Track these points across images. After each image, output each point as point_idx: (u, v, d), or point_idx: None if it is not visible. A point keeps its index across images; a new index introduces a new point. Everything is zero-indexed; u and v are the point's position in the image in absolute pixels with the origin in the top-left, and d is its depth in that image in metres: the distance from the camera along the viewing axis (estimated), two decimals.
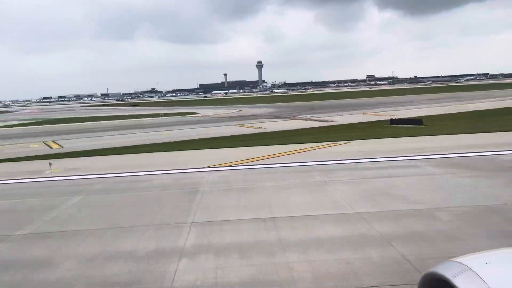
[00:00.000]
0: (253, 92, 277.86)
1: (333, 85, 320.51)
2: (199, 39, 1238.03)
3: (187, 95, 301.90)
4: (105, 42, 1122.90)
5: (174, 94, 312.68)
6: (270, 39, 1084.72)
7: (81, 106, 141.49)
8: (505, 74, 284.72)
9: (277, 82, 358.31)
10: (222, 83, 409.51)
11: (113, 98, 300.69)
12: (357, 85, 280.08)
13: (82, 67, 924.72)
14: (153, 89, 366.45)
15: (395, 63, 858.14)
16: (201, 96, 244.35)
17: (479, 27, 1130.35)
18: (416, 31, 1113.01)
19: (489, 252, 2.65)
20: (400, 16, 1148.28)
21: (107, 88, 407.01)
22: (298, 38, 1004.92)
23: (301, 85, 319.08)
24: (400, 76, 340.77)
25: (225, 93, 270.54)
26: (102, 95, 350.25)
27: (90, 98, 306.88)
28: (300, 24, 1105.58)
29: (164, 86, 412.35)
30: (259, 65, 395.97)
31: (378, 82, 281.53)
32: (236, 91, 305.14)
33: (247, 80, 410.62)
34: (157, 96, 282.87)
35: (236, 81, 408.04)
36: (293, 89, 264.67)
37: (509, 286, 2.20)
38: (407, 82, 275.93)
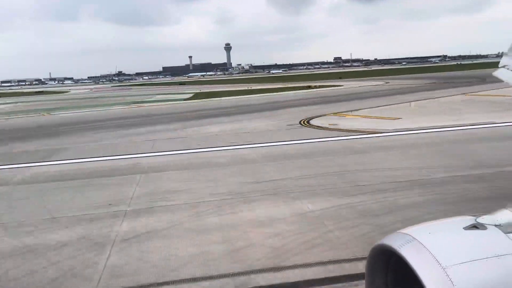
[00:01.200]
0: (233, 74, 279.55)
1: (303, 67, 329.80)
2: (148, 21, 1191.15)
3: (156, 77, 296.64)
4: (45, 23, 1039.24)
5: (152, 77, 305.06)
6: (222, 22, 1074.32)
7: (122, 87, 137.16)
8: (463, 56, 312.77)
9: (243, 64, 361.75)
10: (187, 65, 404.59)
11: (88, 81, 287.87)
12: (328, 67, 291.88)
13: (20, 50, 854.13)
14: (120, 71, 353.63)
15: (347, 46, 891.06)
16: (171, 79, 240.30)
17: (420, 12, 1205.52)
18: (363, 15, 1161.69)
19: (432, 222, 2.85)
20: (349, 1, 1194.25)
21: (50, 73, 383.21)
22: (250, 21, 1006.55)
23: (267, 68, 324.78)
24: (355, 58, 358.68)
25: (202, 75, 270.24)
26: (66, 78, 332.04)
27: (57, 82, 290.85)
28: (252, 7, 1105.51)
29: (122, 69, 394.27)
30: (227, 48, 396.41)
31: (354, 64, 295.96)
32: (213, 73, 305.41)
33: (212, 63, 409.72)
34: (141, 79, 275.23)
35: (201, 64, 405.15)
36: (289, 70, 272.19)
37: (447, 250, 2.45)
38: (380, 63, 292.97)
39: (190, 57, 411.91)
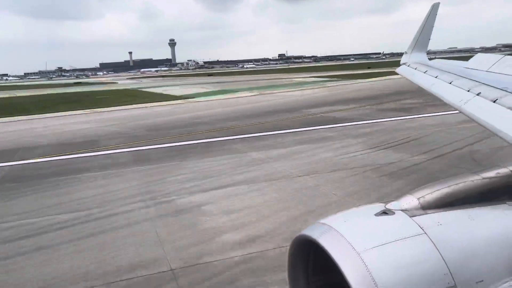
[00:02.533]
0: (190, 69, 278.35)
1: (251, 63, 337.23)
2: (67, 15, 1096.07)
3: (108, 73, 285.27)
4: None
5: (105, 72, 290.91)
6: (148, 17, 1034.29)
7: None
8: (396, 53, 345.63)
9: (196, 60, 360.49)
10: (127, 61, 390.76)
11: (36, 76, 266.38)
12: (276, 64, 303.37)
13: None
14: (60, 67, 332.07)
15: (275, 43, 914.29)
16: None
17: (339, 13, 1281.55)
18: (288, 14, 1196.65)
19: (348, 211, 3.06)
20: (275, 0, 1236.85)
21: None
22: (177, 17, 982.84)
23: (211, 64, 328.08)
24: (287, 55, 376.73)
25: (156, 71, 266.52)
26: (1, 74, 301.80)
27: (6, 78, 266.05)
28: (178, 2, 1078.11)
29: (53, 65, 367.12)
30: (172, 43, 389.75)
31: (305, 60, 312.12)
32: (167, 68, 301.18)
33: (153, 59, 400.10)
34: (98, 73, 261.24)
35: (142, 60, 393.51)
36: (263, 64, 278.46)
37: (361, 237, 2.67)
38: (328, 59, 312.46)
39: (130, 53, 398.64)
